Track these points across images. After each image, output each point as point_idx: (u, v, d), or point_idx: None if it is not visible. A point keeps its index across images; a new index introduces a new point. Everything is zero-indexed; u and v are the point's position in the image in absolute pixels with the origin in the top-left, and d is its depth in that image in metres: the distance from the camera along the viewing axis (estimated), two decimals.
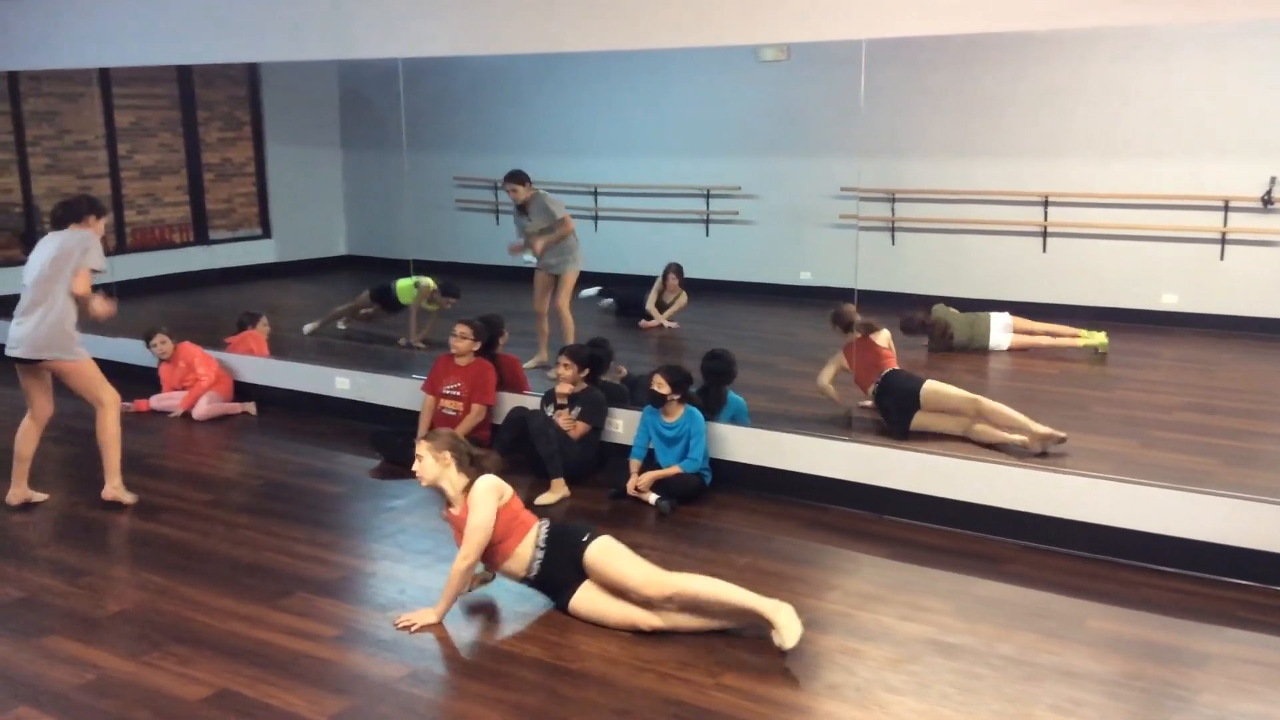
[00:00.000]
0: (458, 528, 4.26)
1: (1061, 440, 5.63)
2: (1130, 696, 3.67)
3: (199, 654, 3.98)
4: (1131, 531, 4.75)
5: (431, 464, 4.26)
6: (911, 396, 6.06)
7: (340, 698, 3.67)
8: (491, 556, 4.27)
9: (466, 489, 4.25)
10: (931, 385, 6.12)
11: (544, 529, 4.30)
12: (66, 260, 5.24)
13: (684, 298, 8.86)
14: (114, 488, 5.51)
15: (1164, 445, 5.97)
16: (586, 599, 4.20)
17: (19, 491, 5.52)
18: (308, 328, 8.79)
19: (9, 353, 5.33)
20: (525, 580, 4.30)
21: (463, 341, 6.21)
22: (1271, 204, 7.94)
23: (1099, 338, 7.67)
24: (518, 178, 7.48)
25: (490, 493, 4.22)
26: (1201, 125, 8.12)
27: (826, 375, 6.45)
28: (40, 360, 5.30)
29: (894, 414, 6.07)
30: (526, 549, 4.25)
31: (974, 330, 7.83)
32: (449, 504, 4.32)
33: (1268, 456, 5.95)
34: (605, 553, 4.21)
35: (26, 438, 5.49)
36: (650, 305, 8.88)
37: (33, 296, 5.26)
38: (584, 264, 7.63)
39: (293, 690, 3.72)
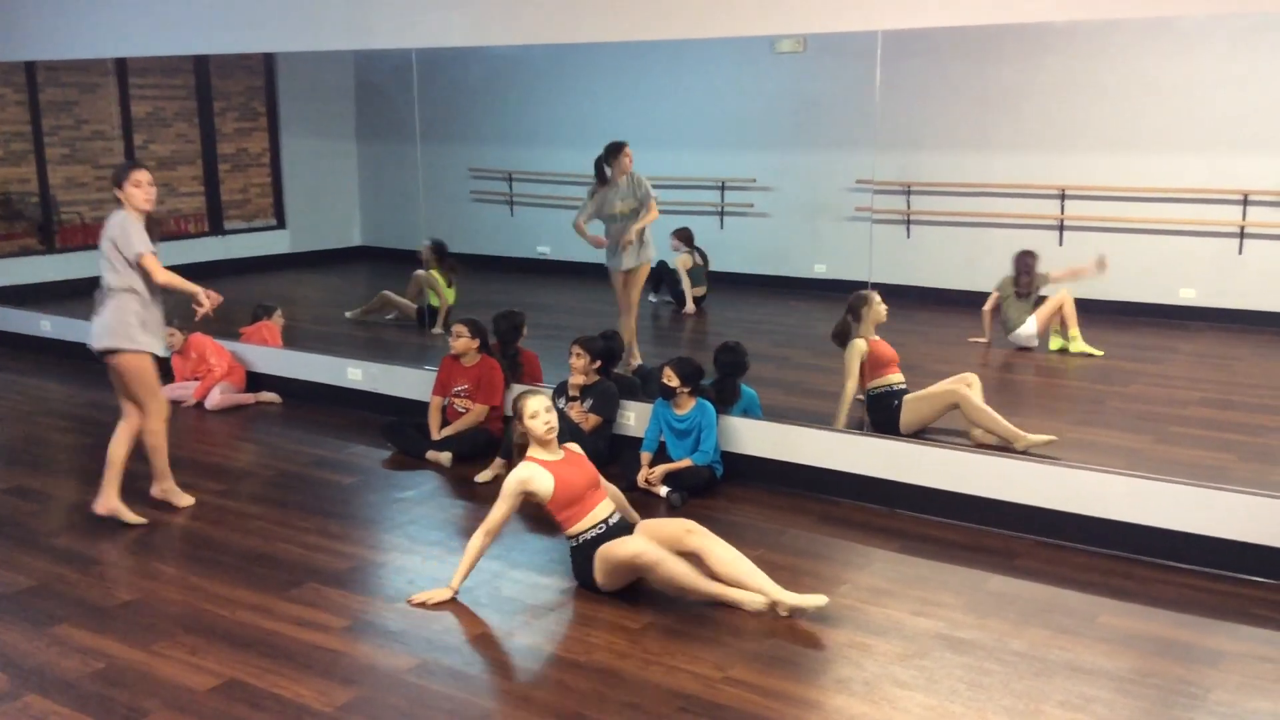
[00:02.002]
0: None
1: (1049, 442, 5.55)
2: (1142, 694, 3.64)
3: (209, 644, 3.99)
4: (1146, 527, 4.71)
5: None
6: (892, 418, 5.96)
7: (349, 688, 3.67)
8: (557, 523, 4.43)
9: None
10: (908, 400, 5.98)
11: (612, 517, 4.42)
12: (111, 249, 4.95)
13: (686, 259, 8.82)
14: (164, 490, 5.40)
15: (1180, 441, 5.92)
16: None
17: (107, 501, 5.16)
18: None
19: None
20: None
21: (460, 340, 6.19)
22: None
23: (1086, 347, 7.63)
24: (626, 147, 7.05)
25: (513, 485, 4.35)
26: (1220, 118, 8.04)
27: (854, 374, 6.02)
28: (104, 353, 5.07)
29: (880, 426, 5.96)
30: (587, 524, 4.37)
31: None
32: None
33: None
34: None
35: (118, 441, 5.18)
36: (686, 289, 8.83)
37: (102, 284, 5.05)
38: None
39: (302, 681, 3.72)
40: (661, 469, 5.53)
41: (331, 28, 6.67)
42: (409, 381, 6.84)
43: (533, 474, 4.33)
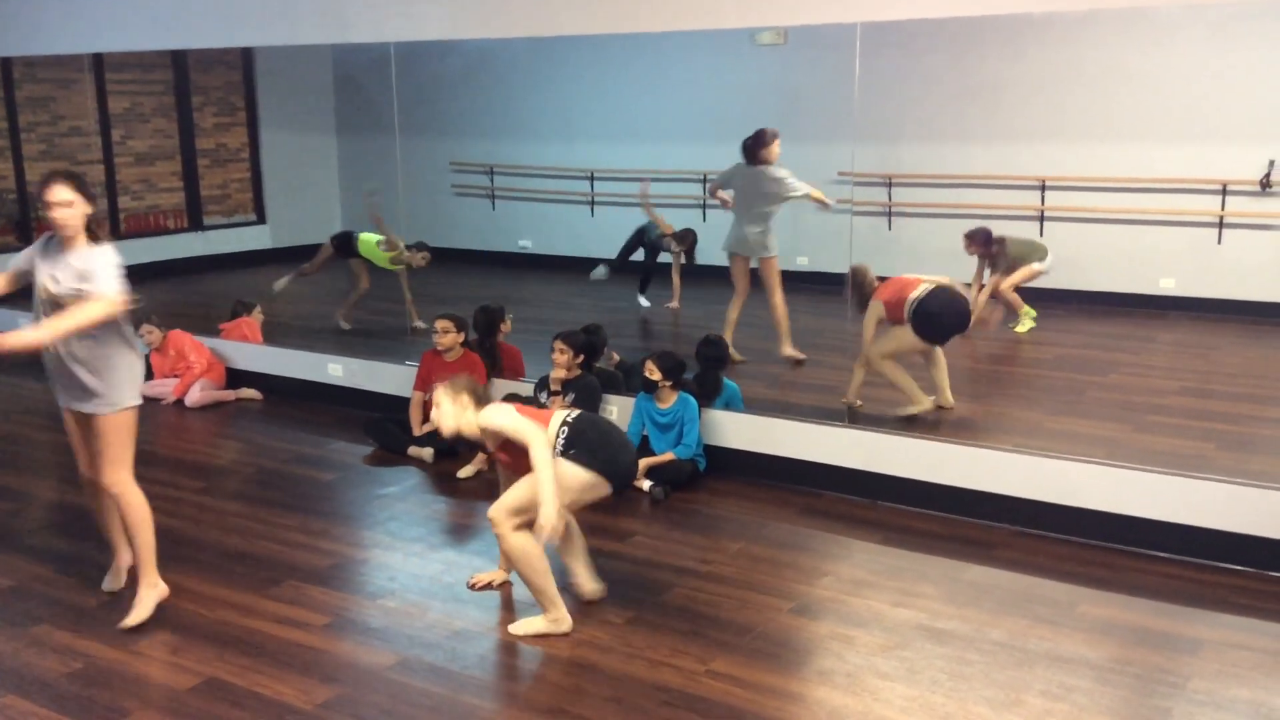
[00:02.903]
0: (506, 464, 4.19)
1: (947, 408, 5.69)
2: (1122, 682, 3.66)
3: (188, 642, 3.97)
4: (1125, 517, 4.73)
5: (449, 408, 4.14)
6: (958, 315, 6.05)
7: (330, 686, 3.66)
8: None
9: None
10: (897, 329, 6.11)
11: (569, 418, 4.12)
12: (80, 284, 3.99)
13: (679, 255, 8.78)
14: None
15: (1159, 430, 5.95)
16: None
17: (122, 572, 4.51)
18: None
19: None
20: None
21: (446, 336, 6.17)
22: (1270, 187, 7.91)
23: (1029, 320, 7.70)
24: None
25: (499, 407, 4.13)
26: (1200, 108, 8.08)
27: (871, 336, 6.12)
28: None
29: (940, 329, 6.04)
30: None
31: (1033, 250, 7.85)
32: (483, 448, 4.31)
33: (1263, 441, 5.93)
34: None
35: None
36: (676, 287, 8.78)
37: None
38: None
39: (282, 679, 3.71)
40: (644, 463, 5.53)
41: (308, 21, 6.64)
42: (390, 377, 6.82)
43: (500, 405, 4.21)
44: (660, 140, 9.85)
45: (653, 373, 5.58)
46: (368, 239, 8.40)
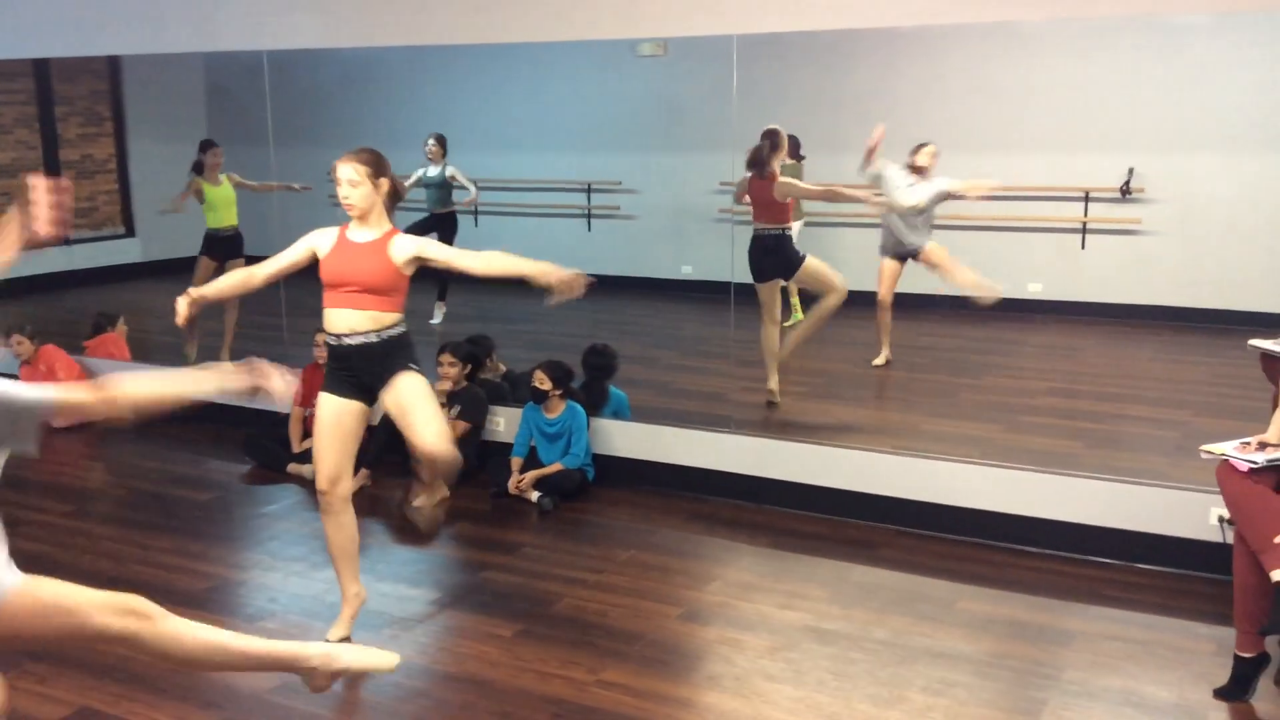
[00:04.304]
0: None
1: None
2: (1000, 675, 3.77)
3: (58, 672, 3.81)
4: (1000, 514, 4.89)
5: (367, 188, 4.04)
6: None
7: (208, 712, 3.56)
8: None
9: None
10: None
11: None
12: None
13: None
14: None
15: (1031, 429, 6.15)
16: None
17: None
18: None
19: None
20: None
21: (321, 350, 6.07)
22: (1129, 194, 8.24)
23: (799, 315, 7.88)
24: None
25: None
26: (1062, 119, 8.38)
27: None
28: None
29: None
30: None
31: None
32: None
33: (1128, 438, 6.17)
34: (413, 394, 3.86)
35: None
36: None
37: None
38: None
39: (158, 706, 3.59)
40: (532, 475, 5.50)
41: (177, 29, 6.45)
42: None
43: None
44: (544, 149, 9.82)
45: (543, 382, 5.56)
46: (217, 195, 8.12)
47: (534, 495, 5.44)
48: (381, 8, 5.85)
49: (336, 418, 3.90)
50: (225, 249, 7.98)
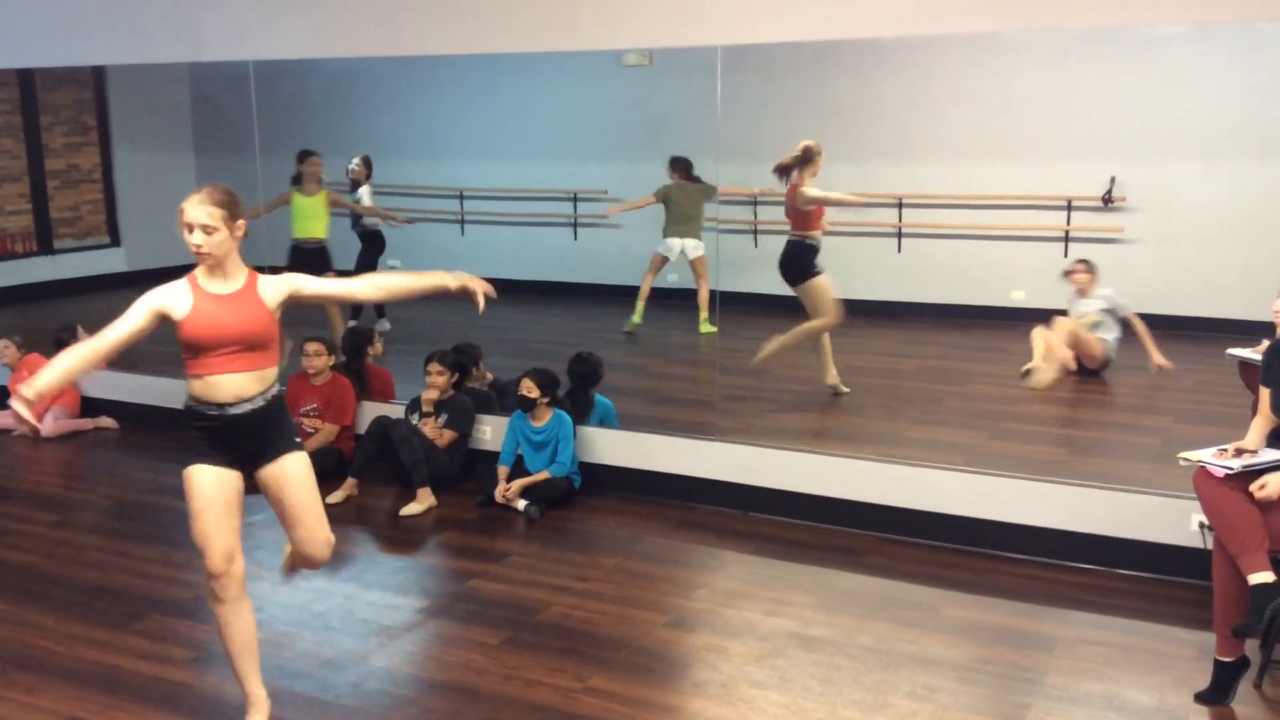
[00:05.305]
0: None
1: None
2: (983, 681, 3.80)
3: (46, 682, 3.81)
4: (984, 521, 4.92)
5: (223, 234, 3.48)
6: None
7: None
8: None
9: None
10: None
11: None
12: None
13: None
14: None
15: (1014, 437, 6.19)
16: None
17: None
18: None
19: None
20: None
21: (316, 359, 6.07)
22: (1111, 203, 8.31)
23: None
24: None
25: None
26: (1044, 128, 8.45)
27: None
28: None
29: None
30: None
31: None
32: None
33: (1109, 445, 6.23)
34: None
35: None
36: None
37: None
38: None
39: (145, 716, 3.59)
40: (519, 483, 5.52)
41: (162, 39, 6.46)
42: None
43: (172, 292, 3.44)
44: (531, 158, 9.85)
45: (531, 390, 5.57)
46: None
47: (521, 504, 5.46)
48: (367, 18, 5.87)
49: (220, 490, 3.46)
50: (308, 261, 7.27)
